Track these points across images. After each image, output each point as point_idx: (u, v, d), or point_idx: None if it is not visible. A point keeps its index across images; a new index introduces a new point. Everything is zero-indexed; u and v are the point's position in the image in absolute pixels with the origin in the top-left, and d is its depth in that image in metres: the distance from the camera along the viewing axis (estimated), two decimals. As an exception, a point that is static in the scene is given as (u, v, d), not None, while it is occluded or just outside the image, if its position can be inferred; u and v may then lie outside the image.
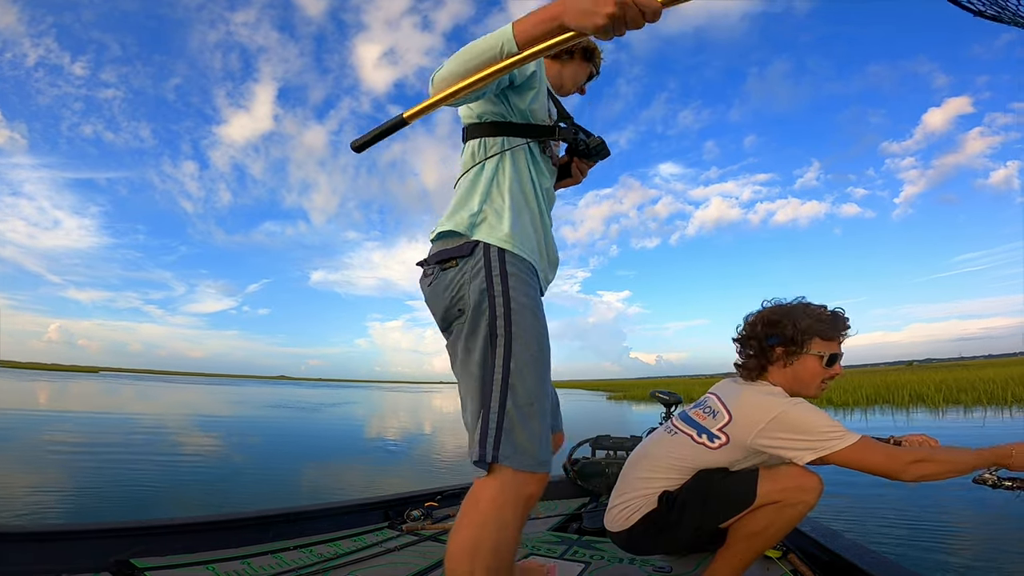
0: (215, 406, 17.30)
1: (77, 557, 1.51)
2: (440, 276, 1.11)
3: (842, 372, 1.35)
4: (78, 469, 4.99)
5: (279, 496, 4.30)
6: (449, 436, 9.94)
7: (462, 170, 1.23)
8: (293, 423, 12.02)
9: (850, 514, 3.45)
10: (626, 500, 1.41)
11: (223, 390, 35.77)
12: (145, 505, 3.81)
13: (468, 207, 1.14)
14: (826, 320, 1.32)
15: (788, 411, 1.24)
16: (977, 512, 3.50)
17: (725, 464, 1.32)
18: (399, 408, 20.77)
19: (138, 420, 10.88)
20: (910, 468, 1.17)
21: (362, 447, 8.25)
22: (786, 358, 1.33)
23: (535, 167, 1.25)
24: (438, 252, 1.14)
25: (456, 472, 5.67)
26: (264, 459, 6.45)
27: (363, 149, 1.07)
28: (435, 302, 1.13)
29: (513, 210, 1.15)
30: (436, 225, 1.19)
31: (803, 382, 1.32)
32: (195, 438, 8.37)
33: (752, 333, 1.38)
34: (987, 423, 8.86)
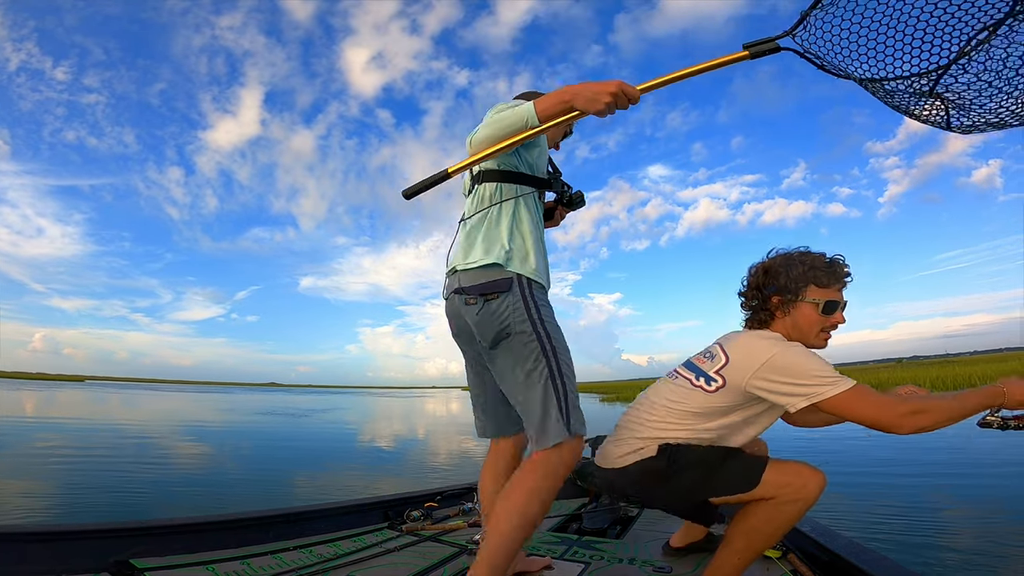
0: (205, 414, 17.10)
1: (77, 557, 1.50)
2: (486, 306, 1.35)
3: (844, 320, 1.32)
4: (69, 477, 4.93)
5: (274, 501, 4.28)
6: (441, 440, 9.88)
7: (478, 207, 1.46)
8: (286, 429, 11.95)
9: (846, 510, 3.47)
10: (622, 439, 1.40)
11: (212, 398, 35.22)
12: (137, 511, 3.79)
13: (499, 244, 1.39)
14: (821, 267, 1.31)
15: (782, 353, 1.21)
16: (972, 507, 3.53)
17: (721, 407, 1.30)
18: (394, 413, 20.70)
19: (126, 429, 10.72)
20: (906, 420, 1.12)
21: (358, 452, 8.18)
22: (783, 307, 1.32)
23: (537, 210, 1.54)
24: (480, 285, 1.36)
25: (454, 473, 5.66)
26: (256, 466, 6.40)
27: (412, 196, 1.41)
28: (486, 327, 1.35)
29: (535, 248, 1.43)
30: (464, 256, 1.41)
31: (802, 331, 1.31)
32: (187, 446, 8.26)
33: (752, 283, 1.38)
34: None
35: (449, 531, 2.11)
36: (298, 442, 9.13)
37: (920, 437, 1.17)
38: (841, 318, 1.32)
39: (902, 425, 1.12)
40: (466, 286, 1.38)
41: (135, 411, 17.18)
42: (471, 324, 1.38)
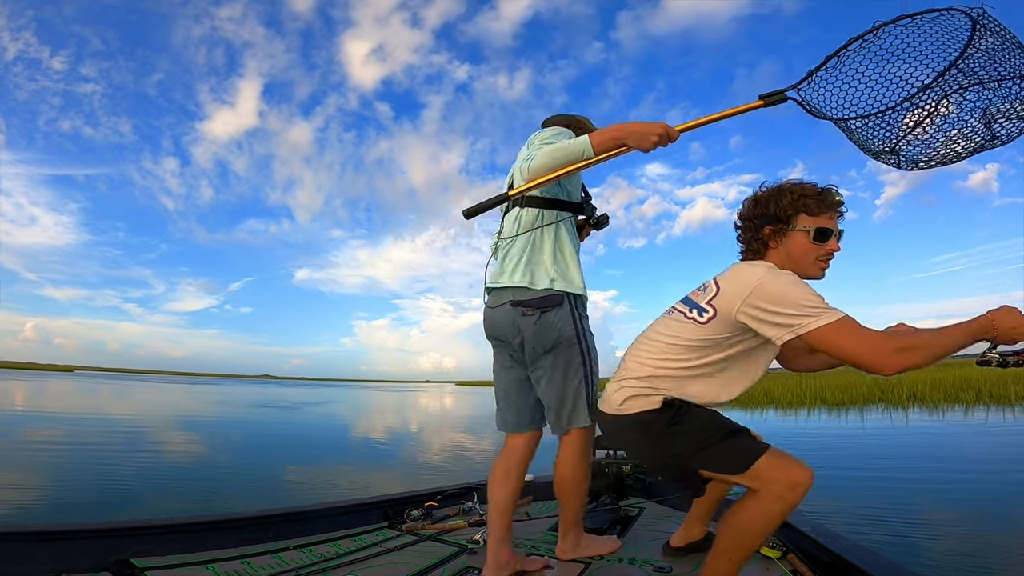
0: (195, 406, 17.05)
1: (77, 557, 1.51)
2: (543, 318, 1.59)
3: (839, 249, 1.28)
4: (53, 471, 4.94)
5: (268, 497, 4.27)
6: (435, 435, 9.84)
7: (521, 229, 1.66)
8: (279, 423, 11.93)
9: (843, 510, 3.46)
10: (621, 381, 1.38)
11: (203, 390, 35.08)
12: (125, 506, 3.78)
13: (548, 265, 1.62)
14: (811, 195, 1.28)
15: (771, 281, 1.18)
16: (968, 505, 3.51)
17: (713, 340, 1.26)
18: (388, 407, 20.67)
19: (114, 421, 10.67)
20: (893, 357, 1.06)
21: (354, 447, 8.16)
22: (776, 237, 1.30)
23: (574, 232, 1.76)
24: (538, 300, 1.59)
25: (451, 470, 5.64)
26: (245, 460, 6.38)
27: (472, 216, 1.57)
28: (543, 336, 1.59)
29: (576, 267, 1.67)
30: (519, 275, 1.62)
31: (797, 261, 1.28)
32: (176, 439, 8.23)
33: (744, 214, 1.36)
34: (989, 423, 8.62)
35: (449, 531, 2.11)
36: (290, 437, 9.09)
37: (920, 436, 1.14)
38: (836, 246, 1.28)
39: (887, 363, 1.07)
40: (523, 300, 1.61)
41: (122, 403, 17.10)
42: (526, 332, 1.61)
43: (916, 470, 5.12)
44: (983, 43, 1.15)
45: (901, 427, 8.69)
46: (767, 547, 1.77)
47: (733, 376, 1.32)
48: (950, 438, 6.78)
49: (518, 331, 1.63)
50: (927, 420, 9.61)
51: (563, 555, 1.77)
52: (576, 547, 1.78)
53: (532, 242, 1.65)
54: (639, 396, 1.32)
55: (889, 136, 1.31)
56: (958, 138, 1.24)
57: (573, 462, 1.69)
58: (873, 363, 1.08)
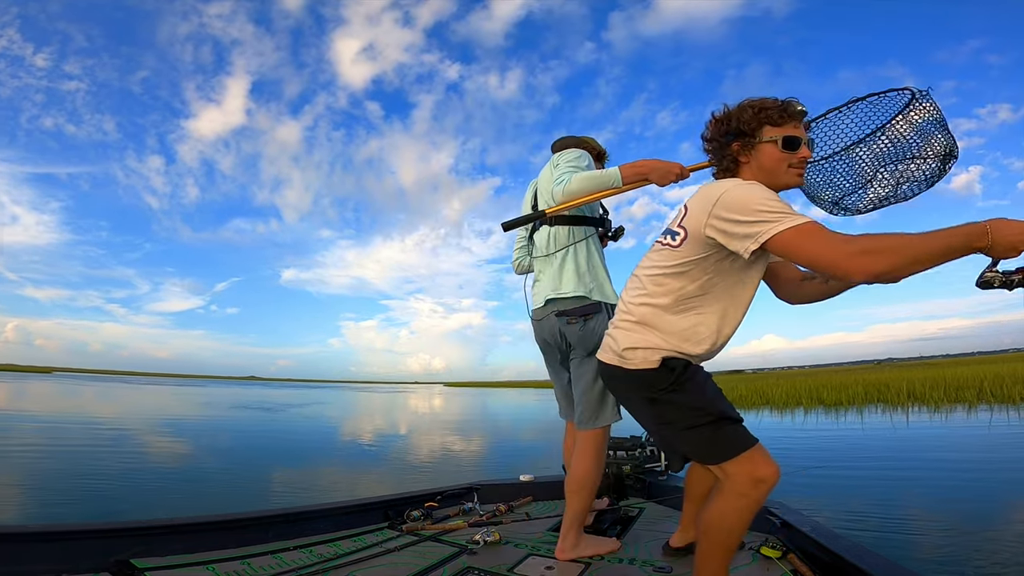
0: (175, 407, 16.78)
1: (77, 557, 1.51)
2: (586, 325, 1.80)
3: (810, 155, 1.27)
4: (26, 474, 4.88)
5: (253, 499, 4.22)
6: (424, 438, 9.73)
7: (556, 246, 1.91)
8: (262, 424, 11.79)
9: (848, 510, 3.46)
10: (617, 324, 1.38)
11: (188, 391, 34.53)
12: (123, 507, 3.74)
13: (584, 277, 1.85)
14: (772, 107, 1.27)
15: (732, 190, 1.16)
16: (968, 504, 3.51)
17: (688, 262, 1.24)
18: (375, 408, 20.55)
19: (91, 422, 10.41)
20: (857, 259, 0.97)
21: (335, 449, 8.02)
22: (745, 152, 1.28)
23: (600, 246, 1.99)
24: (580, 308, 1.81)
25: (446, 473, 5.63)
26: (226, 461, 6.28)
27: (510, 229, 1.87)
28: (587, 341, 1.80)
29: (607, 278, 1.91)
30: (562, 288, 1.85)
31: (769, 171, 1.26)
32: (155, 442, 8.07)
33: (708, 135, 1.36)
34: (993, 423, 8.31)
35: (449, 531, 2.11)
36: (275, 439, 8.97)
37: (920, 435, 1.10)
38: (807, 152, 1.27)
39: (849, 265, 0.98)
40: (567, 310, 1.83)
41: (96, 405, 16.60)
42: (572, 340, 1.84)
43: (914, 470, 5.11)
44: (912, 116, 1.35)
45: (903, 431, 8.30)
46: (767, 547, 1.77)
47: (723, 306, 1.28)
48: (959, 441, 6.71)
49: (563, 338, 1.87)
50: (931, 422, 9.32)
51: (562, 555, 1.77)
52: (576, 547, 1.79)
53: (568, 258, 1.88)
54: (638, 348, 1.30)
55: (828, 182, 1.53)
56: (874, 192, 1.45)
57: (589, 459, 1.81)
58: (834, 265, 1.00)
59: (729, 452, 1.23)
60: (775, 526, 1.94)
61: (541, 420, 14.08)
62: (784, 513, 1.97)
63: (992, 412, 10.07)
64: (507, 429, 12.33)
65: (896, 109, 1.37)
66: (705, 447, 1.28)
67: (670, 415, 1.31)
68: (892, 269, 0.96)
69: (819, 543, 1.68)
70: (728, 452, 1.23)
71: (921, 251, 0.95)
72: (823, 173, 1.52)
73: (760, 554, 1.76)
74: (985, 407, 10.96)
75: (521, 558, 1.80)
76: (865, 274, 0.98)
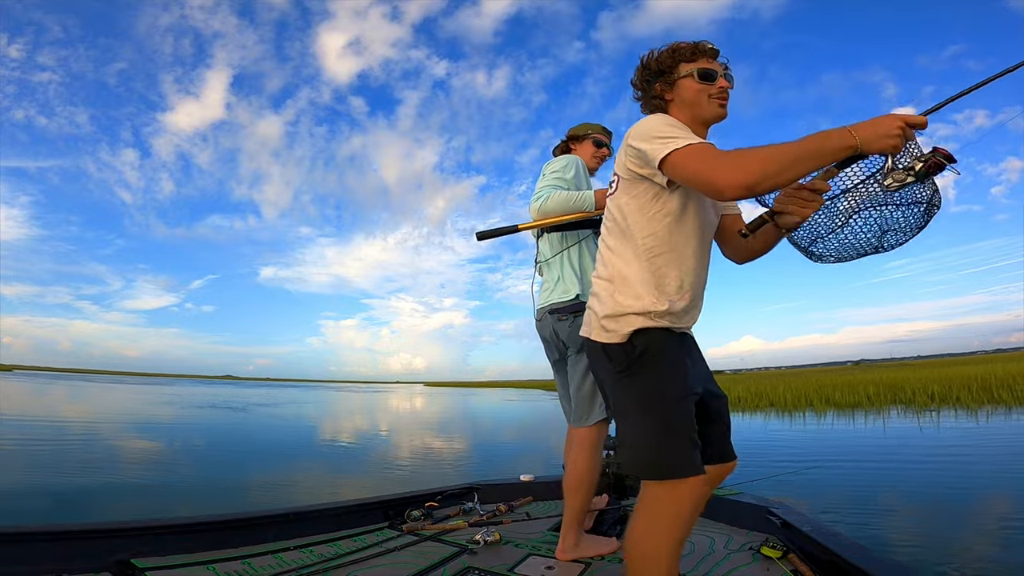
0: (146, 408, 16.12)
1: (77, 557, 1.51)
2: (575, 321, 1.82)
3: (729, 85, 1.27)
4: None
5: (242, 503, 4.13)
6: (405, 438, 9.58)
7: (553, 252, 1.99)
8: (242, 424, 11.53)
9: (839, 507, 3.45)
10: (592, 291, 1.31)
11: (159, 390, 33.44)
12: (120, 507, 3.68)
13: (576, 280, 1.90)
14: (684, 47, 1.30)
15: (640, 122, 1.18)
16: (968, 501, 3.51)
17: (627, 206, 1.21)
18: (358, 408, 20.27)
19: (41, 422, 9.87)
20: (726, 173, 0.97)
21: (317, 451, 7.78)
22: (668, 90, 1.30)
23: (596, 247, 1.87)
24: (570, 306, 1.88)
25: (444, 473, 5.60)
26: (188, 463, 6.06)
27: (484, 239, 1.99)
28: (575, 337, 1.81)
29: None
30: (557, 292, 1.92)
31: (693, 104, 1.27)
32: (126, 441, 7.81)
33: (635, 82, 1.37)
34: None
35: (449, 531, 2.11)
36: (250, 440, 8.69)
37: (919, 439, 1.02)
38: (726, 83, 1.27)
39: (727, 178, 0.96)
40: (558, 308, 1.90)
41: (47, 404, 15.86)
42: (563, 336, 1.89)
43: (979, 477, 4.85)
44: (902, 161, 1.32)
45: (933, 436, 7.38)
46: (767, 547, 1.77)
47: (677, 255, 1.20)
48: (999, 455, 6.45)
49: (556, 335, 1.92)
50: (970, 426, 8.38)
51: (563, 555, 1.77)
52: (576, 547, 1.79)
53: (562, 262, 1.96)
54: (610, 317, 1.21)
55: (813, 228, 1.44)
56: (853, 240, 1.34)
57: (584, 457, 1.82)
58: (714, 178, 0.99)
59: (661, 469, 1.11)
60: (775, 526, 1.94)
61: (529, 420, 14.01)
62: (784, 513, 1.97)
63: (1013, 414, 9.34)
64: (493, 430, 12.12)
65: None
66: (641, 454, 1.15)
67: (620, 402, 1.22)
68: (763, 177, 0.94)
69: (819, 543, 1.67)
70: (659, 468, 1.12)
71: (792, 155, 0.94)
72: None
73: (760, 554, 1.76)
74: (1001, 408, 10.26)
75: (521, 558, 1.80)
76: (736, 186, 0.96)
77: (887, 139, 0.93)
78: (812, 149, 0.94)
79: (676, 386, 1.17)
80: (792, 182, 0.99)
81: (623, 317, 1.19)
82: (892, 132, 0.92)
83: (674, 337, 1.22)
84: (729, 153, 1.01)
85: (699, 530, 2.09)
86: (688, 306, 1.23)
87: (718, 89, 1.27)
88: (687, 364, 1.23)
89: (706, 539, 1.98)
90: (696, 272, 1.24)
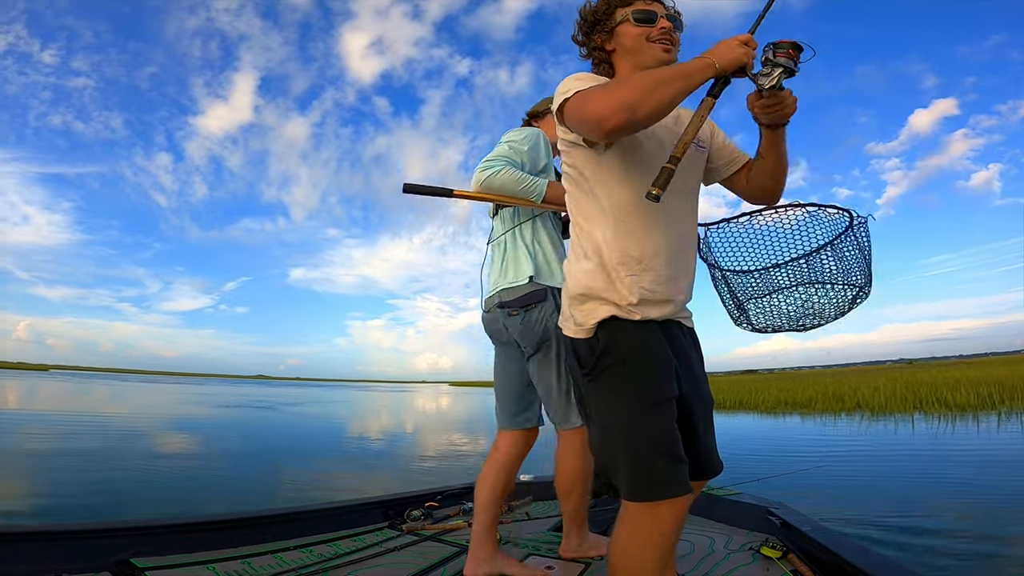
0: (179, 407, 16.60)
1: (77, 557, 1.51)
2: (527, 316, 1.58)
3: (671, 25, 1.19)
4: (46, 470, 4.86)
5: (272, 497, 4.23)
6: (431, 437, 9.65)
7: (504, 229, 1.70)
8: (277, 423, 11.75)
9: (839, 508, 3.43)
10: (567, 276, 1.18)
11: (189, 390, 34.15)
12: (124, 507, 3.72)
13: (527, 261, 1.62)
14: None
15: (562, 81, 1.10)
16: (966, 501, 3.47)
17: (577, 168, 1.13)
18: (379, 407, 20.49)
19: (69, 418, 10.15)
20: (604, 101, 0.93)
21: (347, 450, 7.91)
22: (610, 41, 1.22)
23: (555, 226, 1.74)
24: (520, 298, 1.59)
25: (449, 472, 5.60)
26: (220, 459, 6.23)
27: (410, 192, 1.66)
28: (528, 335, 1.59)
29: (557, 260, 1.65)
30: (501, 276, 1.66)
31: (632, 50, 1.19)
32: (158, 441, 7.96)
33: (577, 39, 1.30)
34: None
35: (449, 531, 2.11)
36: (285, 438, 8.94)
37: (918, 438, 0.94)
38: (666, 23, 1.18)
39: (603, 110, 0.93)
40: (507, 300, 1.62)
41: (81, 402, 16.37)
42: (514, 333, 1.62)
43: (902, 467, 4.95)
44: (843, 244, 1.31)
45: (993, 444, 6.43)
46: (767, 547, 1.77)
47: (631, 224, 1.08)
48: (940, 446, 6.10)
49: (507, 332, 1.65)
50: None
51: (566, 553, 1.77)
52: (580, 546, 1.79)
53: (512, 240, 1.67)
54: (573, 302, 1.11)
55: (747, 292, 1.45)
56: (781, 315, 1.41)
57: (569, 460, 1.68)
58: (596, 114, 0.95)
59: (636, 494, 0.99)
60: (775, 526, 1.94)
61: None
62: (784, 513, 1.97)
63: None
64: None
65: (832, 233, 1.32)
66: (615, 473, 1.03)
67: (592, 407, 1.08)
68: (634, 99, 0.91)
69: (819, 543, 1.67)
70: (635, 493, 1.00)
71: (658, 77, 0.94)
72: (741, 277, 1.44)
73: (760, 554, 1.76)
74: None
75: (521, 558, 1.80)
76: (620, 117, 0.91)
77: (734, 50, 0.97)
78: (676, 71, 0.97)
79: (649, 391, 1.01)
80: (669, 104, 0.95)
81: (587, 304, 1.07)
82: (734, 45, 0.97)
83: (650, 328, 1.06)
84: (607, 84, 1.00)
85: (699, 530, 2.09)
86: (661, 286, 1.07)
87: (658, 31, 1.17)
88: (666, 363, 1.04)
89: (706, 539, 1.98)
90: (667, 245, 1.09)
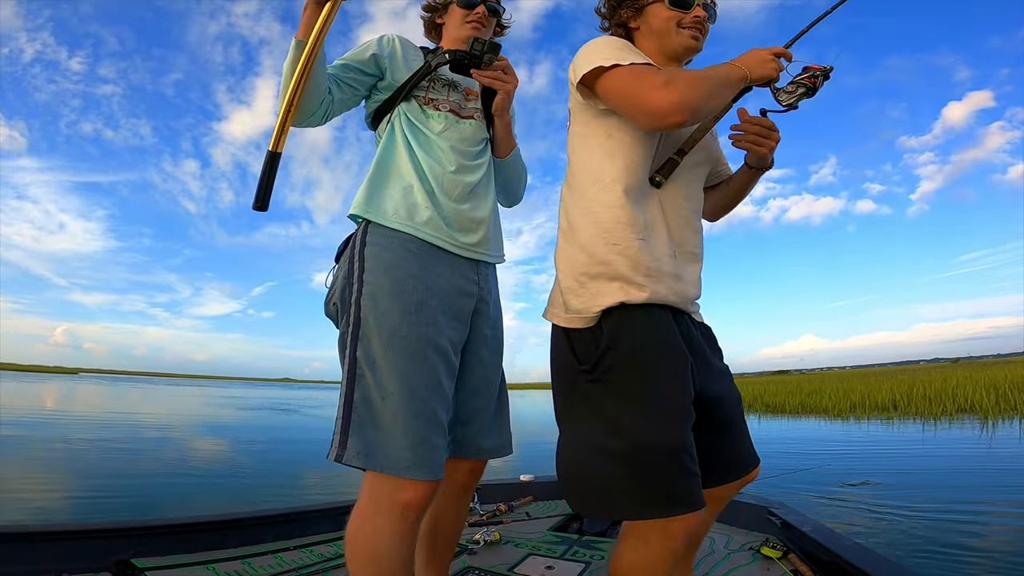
0: (207, 409, 16.85)
1: (77, 557, 1.51)
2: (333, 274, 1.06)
3: (704, 15, 1.14)
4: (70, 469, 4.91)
5: (280, 496, 4.26)
6: None
7: None
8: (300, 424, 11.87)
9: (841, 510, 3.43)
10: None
11: (225, 392, 34.61)
12: (126, 507, 3.74)
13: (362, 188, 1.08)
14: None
15: (586, 44, 1.04)
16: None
17: (582, 134, 1.07)
18: None
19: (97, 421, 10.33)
20: (659, 93, 0.90)
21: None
22: (636, 18, 1.17)
23: (411, 128, 1.13)
24: (342, 245, 1.09)
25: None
26: (252, 462, 6.31)
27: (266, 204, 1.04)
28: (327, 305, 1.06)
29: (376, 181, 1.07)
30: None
31: (660, 32, 1.14)
32: (207, 441, 8.15)
33: (602, 11, 1.24)
34: None
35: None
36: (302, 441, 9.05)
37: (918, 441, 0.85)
38: (701, 12, 1.13)
39: (664, 105, 0.89)
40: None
41: (114, 405, 16.67)
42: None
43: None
44: None
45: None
46: (768, 547, 1.77)
47: (636, 163, 1.02)
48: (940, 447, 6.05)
49: None
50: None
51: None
52: None
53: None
54: (570, 281, 0.98)
55: None
56: None
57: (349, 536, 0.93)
58: (646, 101, 0.91)
59: (644, 511, 0.87)
60: (776, 526, 1.94)
61: (534, 420, 14.00)
62: (784, 513, 1.97)
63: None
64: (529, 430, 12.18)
65: None
66: (617, 481, 0.88)
67: (590, 410, 0.93)
68: (685, 98, 0.89)
69: (819, 543, 1.67)
70: (640, 511, 0.87)
71: (714, 82, 0.93)
72: None
73: (760, 554, 1.76)
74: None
75: (521, 558, 1.80)
76: (669, 108, 0.89)
77: (766, 64, 0.96)
78: (723, 79, 0.95)
79: (664, 393, 0.89)
80: (713, 113, 0.96)
81: (590, 287, 0.95)
82: (766, 58, 0.97)
83: (663, 319, 0.95)
84: (656, 74, 0.93)
85: None
86: (670, 258, 0.99)
87: (692, 18, 1.12)
88: (683, 360, 0.92)
89: (706, 539, 1.98)
90: (674, 220, 1.03)
